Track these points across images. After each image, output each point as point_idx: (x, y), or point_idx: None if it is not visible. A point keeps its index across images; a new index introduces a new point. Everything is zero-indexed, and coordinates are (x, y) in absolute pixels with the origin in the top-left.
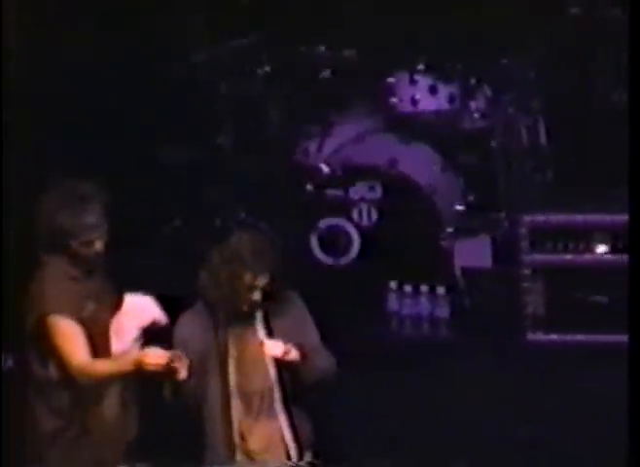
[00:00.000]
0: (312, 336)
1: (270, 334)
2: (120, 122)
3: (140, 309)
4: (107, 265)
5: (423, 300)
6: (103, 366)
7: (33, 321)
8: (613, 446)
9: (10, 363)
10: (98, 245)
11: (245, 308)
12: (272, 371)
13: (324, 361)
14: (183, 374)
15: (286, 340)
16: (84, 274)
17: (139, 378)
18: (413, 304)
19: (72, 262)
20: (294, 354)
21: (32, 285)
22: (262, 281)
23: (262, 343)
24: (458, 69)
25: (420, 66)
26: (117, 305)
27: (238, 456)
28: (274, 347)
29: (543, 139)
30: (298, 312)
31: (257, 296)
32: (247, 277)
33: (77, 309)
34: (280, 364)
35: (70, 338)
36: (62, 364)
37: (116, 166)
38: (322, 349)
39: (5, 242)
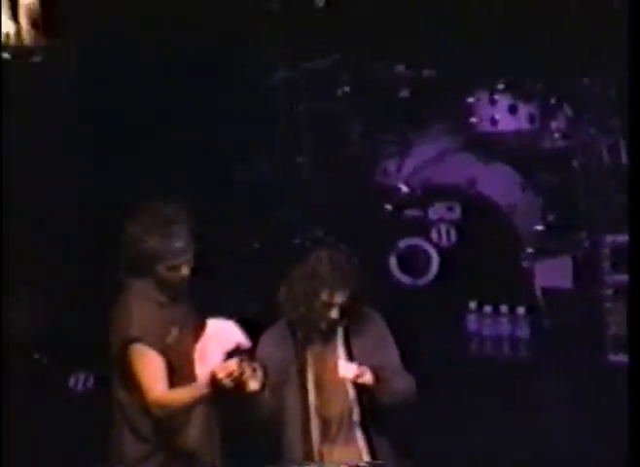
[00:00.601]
0: (392, 356)
1: (350, 353)
2: (198, 142)
3: (224, 334)
4: (190, 290)
5: (503, 320)
6: (181, 394)
7: (117, 345)
8: None
9: (91, 383)
10: (185, 270)
11: (323, 326)
12: (352, 392)
13: (403, 383)
14: (255, 385)
15: (366, 359)
16: (169, 300)
17: (221, 403)
18: (493, 324)
19: (158, 286)
20: (368, 377)
21: (117, 308)
22: (339, 298)
23: (336, 365)
24: (538, 88)
25: (500, 85)
26: (199, 330)
27: None
28: (347, 369)
29: (624, 159)
30: (378, 332)
31: (334, 314)
32: (324, 294)
33: (162, 336)
34: (358, 385)
35: (150, 369)
36: (141, 394)
37: (195, 189)
38: (401, 371)
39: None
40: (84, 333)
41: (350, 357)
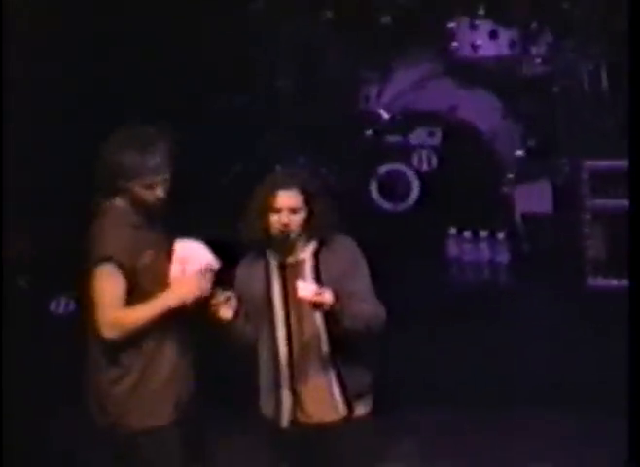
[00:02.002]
0: (362, 282)
1: (319, 279)
2: (180, 68)
3: (192, 254)
4: (166, 213)
5: (483, 245)
6: (136, 312)
7: (89, 265)
8: None
9: (71, 307)
10: (160, 191)
11: (279, 236)
12: (319, 320)
13: (368, 307)
14: (228, 313)
15: (334, 285)
16: (144, 221)
17: (196, 330)
18: (473, 249)
19: (133, 207)
20: (327, 296)
21: (92, 229)
22: (287, 200)
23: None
24: (519, 14)
25: (481, 11)
26: (168, 252)
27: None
28: (306, 289)
29: (604, 84)
30: (349, 258)
31: (284, 217)
32: (271, 198)
33: (134, 257)
34: (323, 311)
35: (109, 290)
36: (95, 314)
37: (176, 113)
38: (370, 297)
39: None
40: (66, 257)
41: (319, 283)
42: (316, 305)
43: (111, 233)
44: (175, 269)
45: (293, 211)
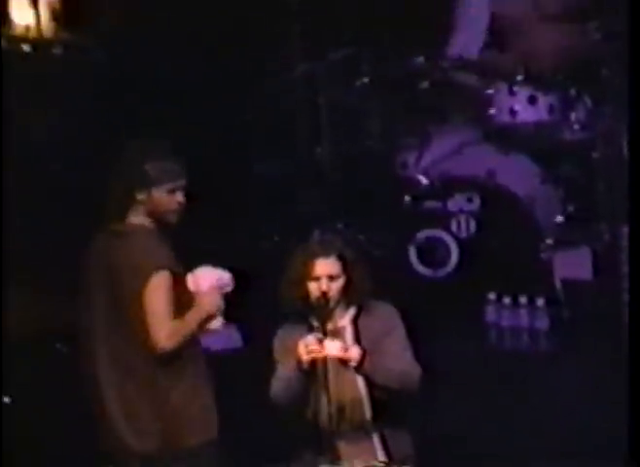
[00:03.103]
0: (397, 342)
1: (359, 342)
2: (217, 136)
3: (206, 273)
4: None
5: (522, 311)
6: (187, 322)
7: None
8: None
9: None
10: (180, 195)
11: (318, 304)
12: (361, 381)
13: (403, 364)
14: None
15: (372, 348)
16: (163, 236)
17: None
18: (512, 315)
19: (152, 221)
20: (354, 350)
21: (125, 250)
22: (324, 267)
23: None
24: (557, 79)
25: (519, 77)
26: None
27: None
28: (332, 347)
29: None
30: (387, 320)
31: (324, 285)
32: (309, 265)
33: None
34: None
35: (165, 302)
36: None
37: (214, 182)
38: (405, 356)
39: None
40: None
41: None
42: (344, 362)
43: (151, 246)
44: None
45: (331, 278)
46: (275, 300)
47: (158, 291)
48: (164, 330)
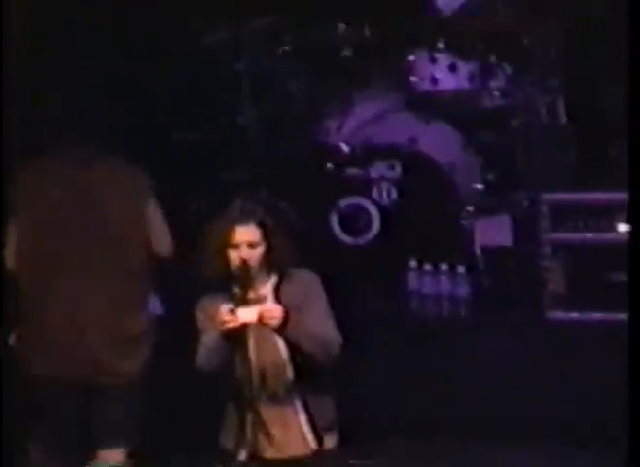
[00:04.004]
0: (319, 309)
1: None
2: (136, 104)
3: None
4: None
5: (443, 278)
6: None
7: None
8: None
9: None
10: None
11: (238, 272)
12: (282, 347)
13: (327, 332)
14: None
15: (293, 316)
16: None
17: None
18: (433, 282)
19: None
20: (274, 312)
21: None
22: (244, 235)
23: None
24: (478, 48)
25: (440, 44)
26: None
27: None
28: (246, 313)
29: (562, 117)
30: (308, 287)
31: (244, 252)
32: (229, 234)
33: None
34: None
35: None
36: None
37: (133, 150)
38: (327, 323)
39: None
40: None
41: None
42: (264, 322)
43: None
44: None
45: (251, 246)
46: (197, 268)
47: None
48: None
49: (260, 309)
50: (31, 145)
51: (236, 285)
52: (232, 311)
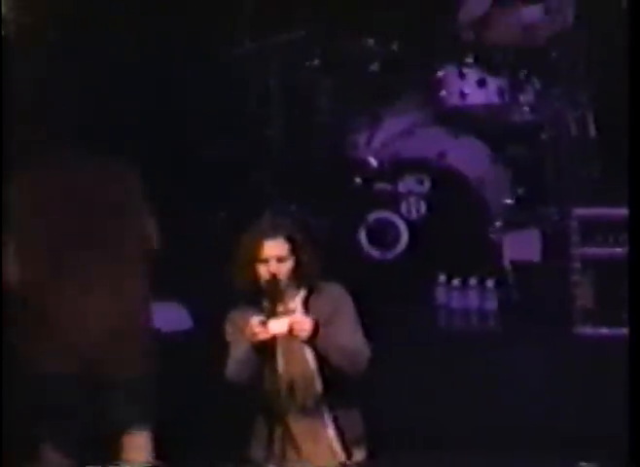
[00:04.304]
0: (348, 322)
1: None
2: (166, 117)
3: None
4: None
5: (472, 293)
6: None
7: None
8: None
9: None
10: None
11: (267, 285)
12: (311, 359)
13: (355, 344)
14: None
15: (322, 329)
16: None
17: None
18: (462, 297)
19: None
20: (304, 323)
21: None
22: (273, 249)
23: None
24: (507, 62)
25: (469, 59)
26: None
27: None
28: (277, 325)
29: (591, 131)
30: (337, 300)
31: (273, 267)
32: (258, 248)
33: None
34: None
35: None
36: None
37: (163, 159)
38: (356, 335)
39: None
40: None
41: None
42: (294, 334)
43: None
44: None
45: (280, 260)
46: (226, 281)
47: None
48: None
49: (290, 321)
50: (31, 145)
51: (266, 299)
52: (264, 323)
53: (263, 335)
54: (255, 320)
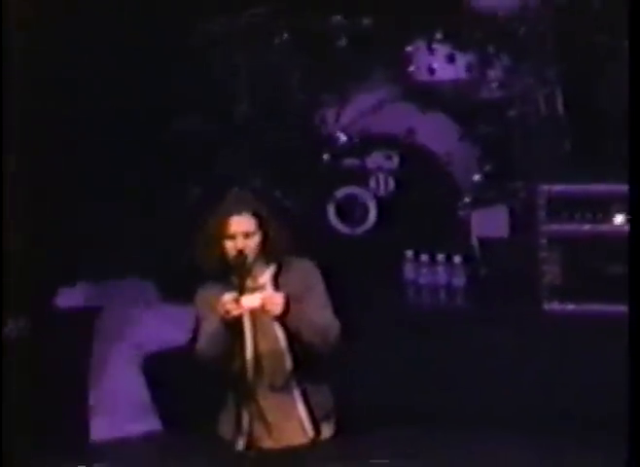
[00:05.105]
0: (318, 298)
1: None
2: (132, 93)
3: None
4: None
5: (440, 269)
6: None
7: None
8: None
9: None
10: None
11: (236, 262)
12: (281, 336)
13: (325, 320)
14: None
15: (292, 304)
16: None
17: None
18: (430, 273)
19: None
20: (276, 298)
21: None
22: (240, 225)
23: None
24: (475, 38)
25: (438, 35)
26: None
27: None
28: (250, 300)
29: (560, 108)
30: (307, 276)
31: (240, 243)
32: (225, 225)
33: None
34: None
35: None
36: None
37: (130, 138)
38: (326, 311)
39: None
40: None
41: None
42: (266, 309)
43: None
44: None
45: (247, 236)
46: (195, 258)
47: None
48: None
49: (262, 296)
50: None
51: (234, 275)
52: (236, 300)
53: (235, 311)
54: (227, 297)
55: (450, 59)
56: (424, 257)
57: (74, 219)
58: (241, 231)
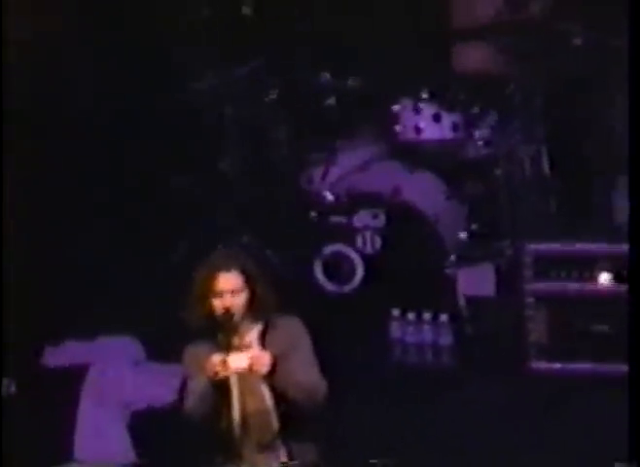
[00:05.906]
0: (304, 356)
1: None
2: (120, 150)
3: None
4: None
5: (426, 327)
6: None
7: None
8: None
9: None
10: None
11: (223, 319)
12: (267, 394)
13: (311, 378)
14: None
15: (279, 363)
16: None
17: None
18: (416, 331)
19: None
20: (263, 359)
21: None
22: (228, 282)
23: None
24: (461, 97)
25: (424, 94)
26: None
27: None
28: (238, 360)
29: (545, 168)
30: (293, 334)
31: (227, 301)
32: (213, 281)
33: None
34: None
35: None
36: None
37: (115, 195)
38: (312, 370)
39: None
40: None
41: None
42: (254, 369)
43: None
44: None
45: (234, 293)
46: (182, 315)
47: None
48: None
49: (250, 356)
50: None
51: (221, 333)
52: (224, 362)
53: (223, 373)
54: (215, 358)
55: (436, 119)
56: (411, 315)
57: (60, 278)
58: (228, 288)
